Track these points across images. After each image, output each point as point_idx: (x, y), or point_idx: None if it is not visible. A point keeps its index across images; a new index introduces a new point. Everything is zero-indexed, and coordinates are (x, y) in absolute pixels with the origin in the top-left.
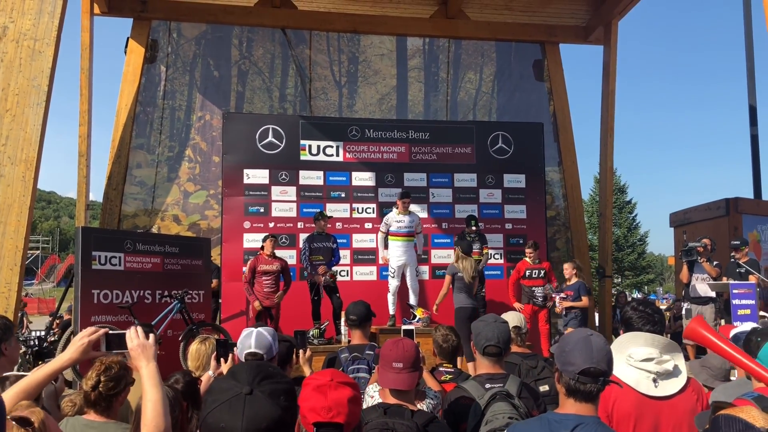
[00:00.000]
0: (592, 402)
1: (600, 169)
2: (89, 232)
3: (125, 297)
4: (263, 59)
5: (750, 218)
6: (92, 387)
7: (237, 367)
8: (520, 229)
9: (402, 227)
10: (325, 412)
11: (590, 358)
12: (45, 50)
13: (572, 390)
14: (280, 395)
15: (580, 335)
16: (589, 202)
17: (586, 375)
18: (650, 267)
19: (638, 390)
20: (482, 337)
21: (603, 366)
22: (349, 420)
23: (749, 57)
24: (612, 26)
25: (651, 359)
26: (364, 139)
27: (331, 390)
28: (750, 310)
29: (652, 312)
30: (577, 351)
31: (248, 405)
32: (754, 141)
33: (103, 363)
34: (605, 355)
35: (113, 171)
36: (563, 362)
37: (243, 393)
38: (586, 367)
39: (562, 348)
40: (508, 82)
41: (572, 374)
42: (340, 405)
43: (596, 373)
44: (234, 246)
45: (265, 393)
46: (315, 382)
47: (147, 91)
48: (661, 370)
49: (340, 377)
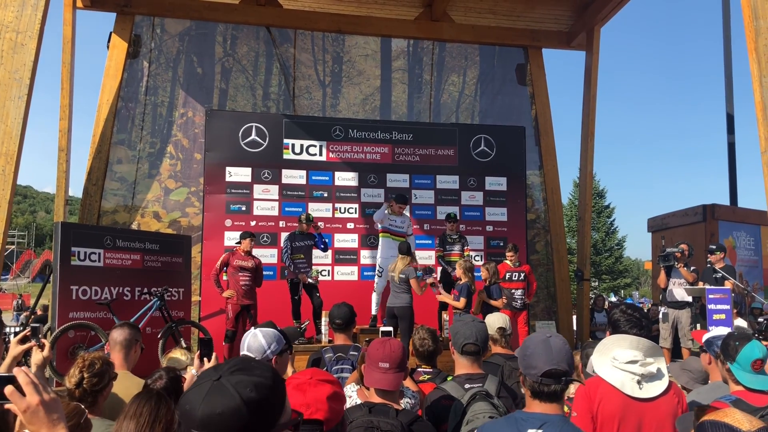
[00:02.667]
0: (557, 401)
1: (580, 173)
2: (68, 228)
3: (104, 293)
4: (247, 57)
5: (726, 224)
6: (76, 384)
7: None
8: (501, 232)
9: (395, 226)
10: (304, 408)
11: (550, 360)
12: (27, 43)
13: (537, 392)
14: (248, 387)
15: (539, 338)
16: (568, 206)
17: (548, 377)
18: (627, 271)
19: (623, 391)
20: (461, 336)
21: (564, 366)
22: (329, 416)
23: (727, 66)
24: (594, 32)
25: (635, 362)
26: (347, 139)
27: (310, 387)
28: (725, 314)
29: (640, 316)
30: (538, 354)
31: (211, 391)
32: (731, 149)
33: (86, 359)
34: (565, 355)
35: (93, 166)
36: (525, 366)
37: (212, 380)
38: (547, 368)
39: (524, 352)
40: (491, 86)
41: (535, 377)
42: (319, 402)
43: (558, 373)
44: (215, 243)
45: (231, 382)
46: (295, 381)
47: (129, 86)
48: (645, 372)
49: (320, 375)
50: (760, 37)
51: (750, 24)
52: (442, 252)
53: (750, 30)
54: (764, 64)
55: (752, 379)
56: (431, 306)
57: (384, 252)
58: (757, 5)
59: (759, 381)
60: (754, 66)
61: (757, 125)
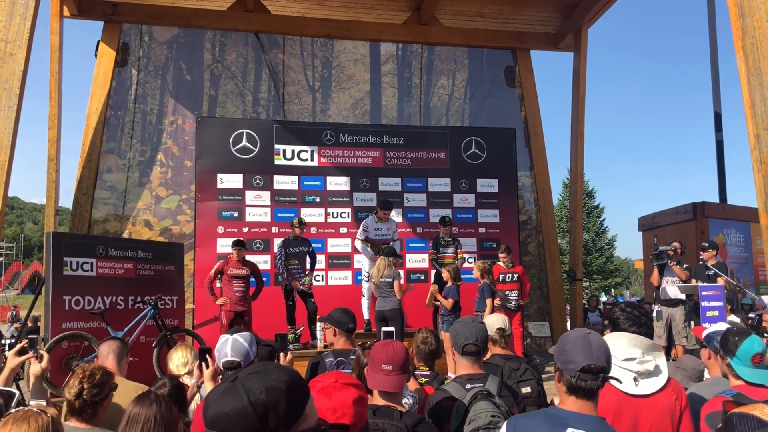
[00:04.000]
0: (592, 399)
1: (570, 173)
2: (60, 238)
3: (97, 303)
4: (236, 63)
5: (716, 222)
6: (76, 395)
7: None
8: (493, 233)
9: (379, 235)
10: (330, 413)
11: (590, 356)
12: (17, 52)
13: (574, 388)
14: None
15: (579, 334)
16: (558, 207)
17: (587, 372)
18: (618, 270)
19: (618, 388)
20: (461, 336)
21: (603, 362)
22: (355, 421)
23: (714, 65)
24: (582, 33)
25: (633, 359)
26: (338, 143)
27: (335, 391)
28: (718, 311)
29: (639, 315)
30: (578, 349)
31: (225, 391)
32: (719, 147)
33: (85, 370)
34: (604, 352)
35: (83, 176)
36: (564, 361)
37: (230, 381)
38: (586, 364)
39: (562, 347)
40: (480, 88)
41: (573, 372)
42: (345, 406)
43: (597, 369)
44: (207, 251)
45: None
46: (320, 384)
47: (118, 94)
48: (642, 369)
49: (344, 378)
50: (747, 35)
51: (737, 22)
52: (435, 255)
53: (737, 28)
54: (752, 62)
55: (752, 373)
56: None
57: (369, 261)
58: (743, 3)
59: (759, 375)
60: (742, 64)
61: (746, 122)
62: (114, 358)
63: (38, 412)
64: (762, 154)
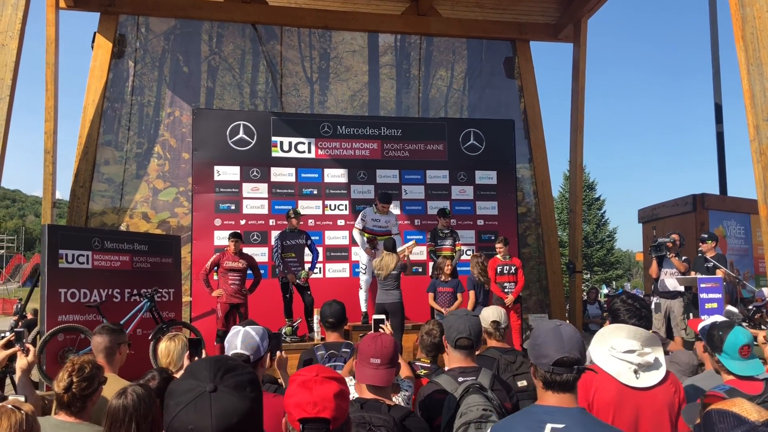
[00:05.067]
0: (570, 391)
1: (570, 165)
2: (56, 230)
3: (93, 296)
4: (233, 55)
5: (716, 214)
6: (65, 388)
7: (195, 365)
8: (492, 226)
9: (377, 226)
10: (311, 407)
11: (562, 348)
12: (9, 43)
13: (549, 382)
14: (246, 387)
15: (549, 326)
16: (558, 200)
17: (560, 365)
18: (618, 263)
19: (619, 380)
20: (453, 330)
21: (576, 354)
22: (335, 415)
23: (714, 56)
24: (581, 24)
25: (633, 351)
26: (336, 135)
27: (316, 385)
28: (717, 303)
29: (640, 307)
30: (549, 342)
31: (215, 402)
32: (719, 138)
33: (75, 363)
34: (576, 343)
35: (80, 168)
36: (536, 355)
37: (207, 391)
38: (559, 357)
39: (534, 342)
40: (479, 79)
41: (547, 366)
42: (326, 400)
43: (570, 362)
44: (204, 243)
45: (230, 387)
46: (300, 378)
47: (115, 86)
48: (642, 362)
49: (326, 372)
50: (747, 24)
51: (737, 12)
52: (434, 246)
53: (737, 18)
54: (751, 52)
55: (742, 366)
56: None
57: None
58: None
59: (749, 367)
60: (742, 54)
61: (746, 113)
62: (104, 357)
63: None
64: (762, 145)
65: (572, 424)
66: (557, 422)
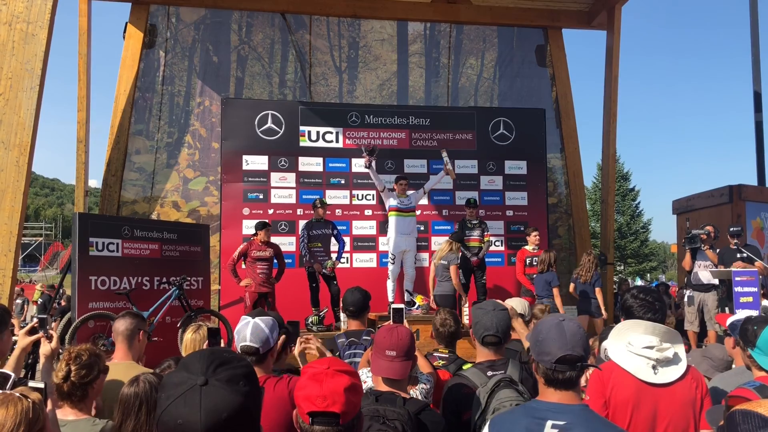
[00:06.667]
0: (573, 389)
1: (602, 155)
2: (86, 219)
3: (123, 283)
4: (263, 44)
5: (753, 205)
6: (63, 378)
7: (189, 358)
8: (521, 216)
9: (404, 203)
10: (321, 400)
11: (565, 345)
12: (38, 33)
13: (551, 379)
14: (239, 381)
15: (552, 322)
16: (591, 190)
17: (563, 363)
18: (653, 254)
19: (637, 377)
20: (481, 327)
21: (579, 351)
22: (345, 409)
23: (754, 43)
24: (615, 11)
25: (651, 347)
26: (363, 125)
27: (327, 378)
28: (752, 297)
29: (653, 300)
30: (551, 339)
31: (205, 396)
32: (758, 128)
33: (71, 352)
34: (580, 340)
35: (112, 157)
36: (538, 352)
37: (198, 384)
38: (562, 354)
39: (536, 338)
40: (510, 68)
41: (549, 363)
42: (336, 394)
43: (573, 359)
44: (233, 232)
45: (222, 381)
46: (312, 371)
47: (146, 76)
48: (661, 357)
49: (337, 365)
50: None
51: None
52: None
53: None
54: None
55: None
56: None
57: (396, 231)
58: None
59: None
60: None
61: None
62: (122, 341)
63: (19, 397)
64: None
65: (574, 421)
66: (559, 419)
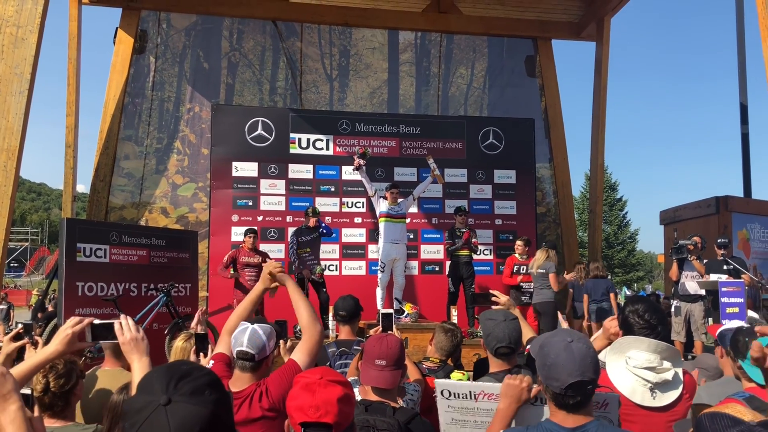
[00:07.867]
0: (584, 410)
1: (591, 165)
2: (74, 224)
3: (110, 289)
4: (253, 51)
5: (740, 216)
6: (43, 390)
7: (145, 378)
8: (510, 225)
9: (394, 210)
10: (313, 411)
11: (575, 371)
12: (28, 37)
13: (562, 403)
14: (204, 390)
15: (561, 344)
16: (579, 199)
17: (573, 388)
18: (640, 264)
19: (632, 400)
20: (493, 338)
21: (590, 375)
22: (338, 420)
23: (740, 54)
24: (604, 23)
25: (651, 368)
26: (354, 132)
27: (320, 388)
28: (738, 308)
29: (656, 323)
30: (560, 364)
31: (171, 415)
32: (744, 139)
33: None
34: (591, 363)
35: (101, 162)
36: (546, 376)
37: (161, 404)
38: (572, 381)
39: (543, 361)
40: (500, 78)
41: (558, 389)
42: (329, 404)
43: (584, 384)
44: (222, 239)
45: (186, 395)
46: (304, 380)
47: (136, 82)
48: (659, 380)
49: (330, 375)
50: None
51: (764, 10)
52: (450, 245)
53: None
54: None
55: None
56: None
57: (386, 238)
58: None
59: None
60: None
61: None
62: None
63: None
64: None
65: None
66: None
